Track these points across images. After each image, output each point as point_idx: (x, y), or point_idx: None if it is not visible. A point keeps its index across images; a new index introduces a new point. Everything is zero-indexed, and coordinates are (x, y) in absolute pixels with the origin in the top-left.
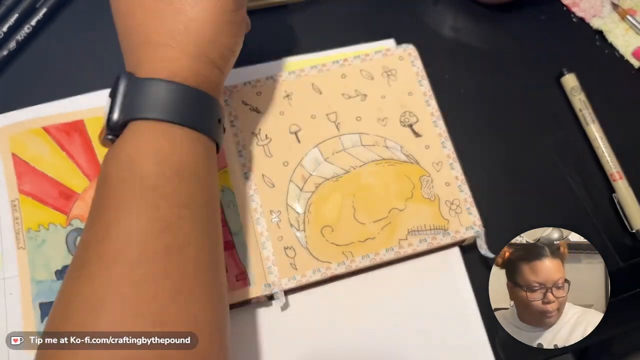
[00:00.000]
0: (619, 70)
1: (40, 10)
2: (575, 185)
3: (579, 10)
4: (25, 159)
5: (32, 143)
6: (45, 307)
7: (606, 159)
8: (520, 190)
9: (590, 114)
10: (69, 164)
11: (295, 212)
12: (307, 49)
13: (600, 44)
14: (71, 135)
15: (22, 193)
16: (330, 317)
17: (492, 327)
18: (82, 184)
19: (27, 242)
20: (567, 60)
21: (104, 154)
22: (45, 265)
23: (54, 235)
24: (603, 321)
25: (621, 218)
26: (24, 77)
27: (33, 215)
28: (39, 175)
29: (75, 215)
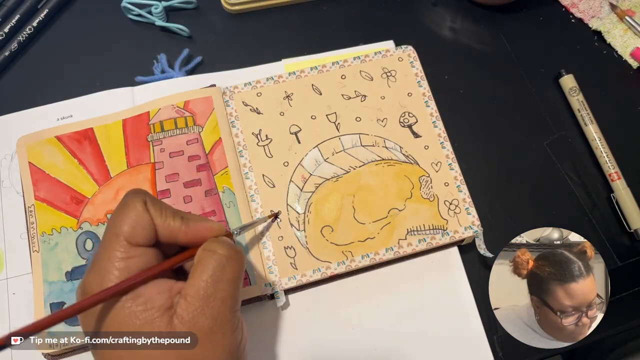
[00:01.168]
0: (617, 71)
1: (41, 11)
2: (574, 185)
3: (577, 11)
4: (41, 167)
5: (47, 152)
6: (56, 307)
7: (604, 159)
8: (518, 190)
9: (588, 115)
10: (80, 170)
11: (295, 212)
12: (307, 50)
13: (599, 45)
14: (82, 143)
15: (37, 199)
16: (330, 316)
17: (491, 326)
18: (92, 189)
19: (41, 245)
20: (565, 60)
21: (112, 160)
22: (57, 267)
23: (66, 238)
24: (604, 321)
25: (619, 218)
26: (25, 78)
27: (47, 219)
28: (53, 182)
29: (85, 219)
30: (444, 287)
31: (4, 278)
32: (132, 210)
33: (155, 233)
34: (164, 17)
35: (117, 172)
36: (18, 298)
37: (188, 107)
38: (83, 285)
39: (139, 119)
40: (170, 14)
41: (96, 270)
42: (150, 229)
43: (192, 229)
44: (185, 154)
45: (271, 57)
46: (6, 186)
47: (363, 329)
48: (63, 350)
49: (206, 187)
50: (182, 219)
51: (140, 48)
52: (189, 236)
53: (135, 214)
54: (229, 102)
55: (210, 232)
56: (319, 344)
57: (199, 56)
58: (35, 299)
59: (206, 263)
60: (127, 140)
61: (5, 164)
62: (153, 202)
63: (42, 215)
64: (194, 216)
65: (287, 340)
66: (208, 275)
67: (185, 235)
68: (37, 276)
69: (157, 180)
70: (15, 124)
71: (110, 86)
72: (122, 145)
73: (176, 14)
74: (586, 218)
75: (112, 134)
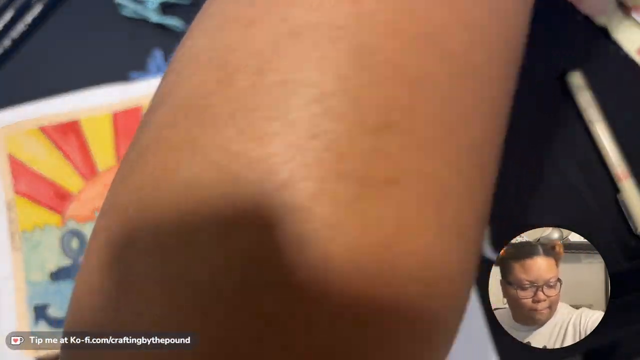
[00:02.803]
0: (624, 68)
1: (35, 8)
2: (580, 185)
3: (583, 8)
4: (21, 160)
5: (29, 143)
6: (40, 309)
7: (611, 159)
8: (523, 190)
9: (594, 113)
10: (65, 164)
11: None
12: None
13: (605, 42)
14: (67, 135)
15: (17, 194)
16: None
17: (491, 326)
18: (78, 185)
19: (23, 243)
20: (571, 58)
21: (99, 154)
22: (40, 266)
23: (49, 236)
24: (609, 323)
25: (626, 219)
26: (19, 75)
27: (28, 216)
28: (34, 176)
29: (71, 216)
30: None
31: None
32: None
33: None
34: (159, 12)
35: (105, 167)
36: (1, 299)
37: None
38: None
39: (131, 113)
40: (165, 9)
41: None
42: None
43: None
44: None
45: None
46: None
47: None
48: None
49: None
50: None
51: (135, 44)
52: None
53: None
54: None
55: None
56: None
57: None
58: (17, 300)
59: None
60: (117, 134)
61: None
62: None
63: (23, 210)
64: None
65: None
66: None
67: None
68: (18, 276)
69: None
70: (5, 120)
71: (105, 83)
72: (111, 140)
73: (172, 9)
74: (591, 218)
75: (101, 127)
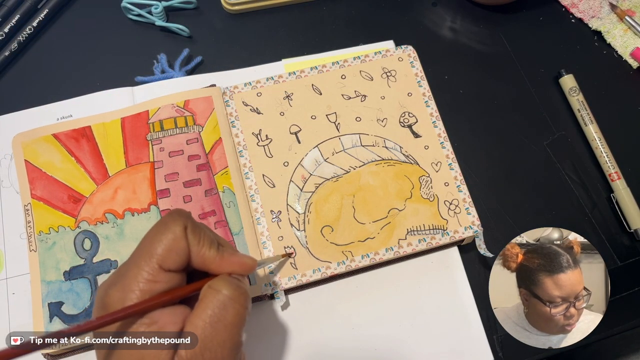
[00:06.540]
0: (617, 71)
1: (41, 12)
2: (574, 185)
3: (577, 11)
4: (37, 165)
5: (44, 150)
6: (54, 306)
7: (604, 159)
8: (518, 190)
9: (588, 115)
10: (77, 168)
11: (295, 212)
12: (307, 50)
13: (599, 45)
14: (79, 142)
15: (34, 198)
16: (330, 316)
17: (491, 326)
18: (90, 188)
19: (38, 244)
20: (565, 60)
21: (110, 159)
22: (55, 266)
23: (63, 237)
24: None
25: (619, 218)
26: (25, 78)
27: (44, 218)
28: (50, 180)
29: (83, 218)
30: (444, 287)
31: (3, 278)
32: (170, 233)
33: (188, 259)
34: (164, 17)
35: (115, 171)
36: (18, 298)
37: (188, 106)
38: (106, 296)
39: (138, 117)
40: (170, 14)
41: (121, 285)
42: (184, 255)
43: (225, 262)
44: (185, 154)
45: (271, 57)
46: (6, 186)
47: (363, 329)
48: (62, 350)
49: (206, 187)
50: (217, 250)
51: (140, 48)
52: (221, 268)
53: (172, 238)
54: (229, 102)
55: (241, 267)
56: (319, 343)
57: (199, 56)
58: (33, 298)
59: (208, 301)
60: (125, 138)
61: (5, 163)
62: (193, 229)
63: (39, 213)
64: (229, 248)
65: (287, 340)
66: (207, 315)
67: (218, 267)
68: (34, 276)
69: (157, 179)
70: (15, 124)
71: (110, 86)
72: (120, 144)
73: (176, 14)
74: (586, 218)
75: (110, 132)
